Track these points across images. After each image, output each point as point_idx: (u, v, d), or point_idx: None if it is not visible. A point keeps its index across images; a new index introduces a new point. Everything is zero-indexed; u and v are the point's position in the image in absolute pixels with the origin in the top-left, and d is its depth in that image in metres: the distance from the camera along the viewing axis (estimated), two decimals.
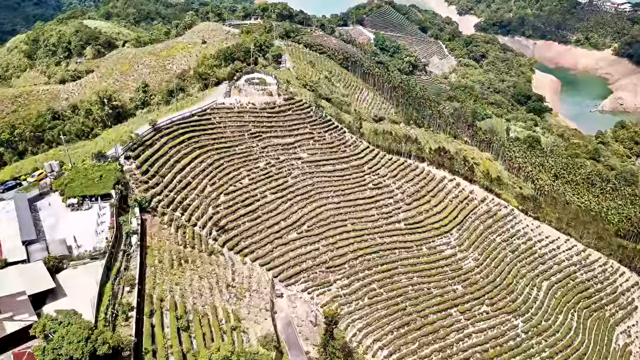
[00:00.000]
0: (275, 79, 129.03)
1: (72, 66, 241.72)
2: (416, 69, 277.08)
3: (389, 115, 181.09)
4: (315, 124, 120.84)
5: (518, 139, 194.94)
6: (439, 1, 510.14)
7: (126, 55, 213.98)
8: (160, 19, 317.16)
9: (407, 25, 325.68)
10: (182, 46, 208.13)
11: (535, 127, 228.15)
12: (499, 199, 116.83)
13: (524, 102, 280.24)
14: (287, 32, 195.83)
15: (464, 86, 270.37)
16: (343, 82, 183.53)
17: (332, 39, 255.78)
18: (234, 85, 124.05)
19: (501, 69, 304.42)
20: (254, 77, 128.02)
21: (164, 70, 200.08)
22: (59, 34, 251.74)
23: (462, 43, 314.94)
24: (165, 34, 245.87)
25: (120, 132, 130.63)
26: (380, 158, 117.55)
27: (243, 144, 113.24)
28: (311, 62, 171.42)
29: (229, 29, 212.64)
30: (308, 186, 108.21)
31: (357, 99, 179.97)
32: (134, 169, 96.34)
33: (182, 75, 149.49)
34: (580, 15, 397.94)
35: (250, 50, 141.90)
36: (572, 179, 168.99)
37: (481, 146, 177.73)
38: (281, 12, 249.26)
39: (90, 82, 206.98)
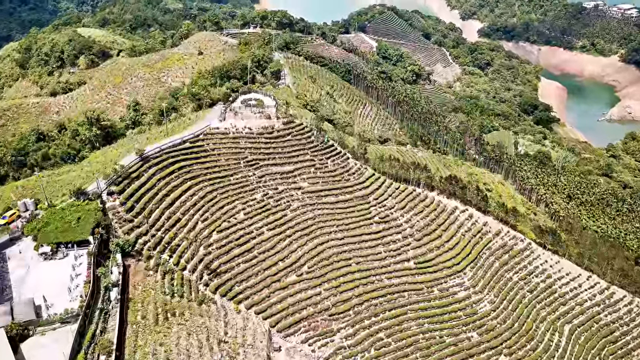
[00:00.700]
0: (274, 99, 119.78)
1: (64, 76, 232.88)
2: (420, 78, 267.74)
3: (393, 131, 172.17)
4: (316, 149, 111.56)
5: (528, 155, 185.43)
6: (441, 5, 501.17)
7: (120, 67, 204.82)
8: (157, 25, 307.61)
9: (410, 31, 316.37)
10: (178, 57, 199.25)
11: (544, 140, 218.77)
12: (514, 232, 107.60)
13: (530, 112, 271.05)
14: (286, 44, 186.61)
15: (469, 96, 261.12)
16: (345, 96, 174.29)
17: (333, 48, 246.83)
18: (229, 107, 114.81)
19: (507, 77, 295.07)
20: (250, 98, 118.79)
21: (158, 83, 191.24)
22: (52, 42, 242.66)
23: (467, 50, 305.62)
24: (161, 43, 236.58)
25: (108, 156, 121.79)
26: (386, 187, 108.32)
27: (238, 173, 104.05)
28: (312, 77, 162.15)
29: (227, 39, 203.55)
30: (309, 220, 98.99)
31: (360, 114, 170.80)
32: (118, 206, 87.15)
33: (175, 93, 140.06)
34: (585, 21, 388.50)
35: (248, 68, 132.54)
36: (586, 200, 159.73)
37: (490, 164, 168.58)
38: (281, 20, 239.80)
39: (82, 95, 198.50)
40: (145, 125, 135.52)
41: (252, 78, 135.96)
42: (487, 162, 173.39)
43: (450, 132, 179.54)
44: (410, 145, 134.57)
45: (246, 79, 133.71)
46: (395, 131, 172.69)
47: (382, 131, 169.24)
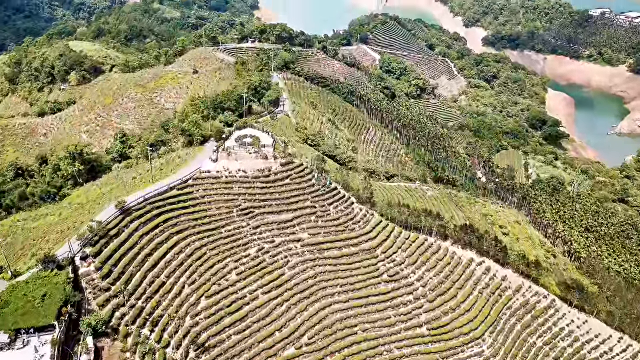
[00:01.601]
0: (272, 136, 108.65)
1: (55, 93, 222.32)
2: (424, 93, 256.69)
3: (399, 157, 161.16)
4: (318, 194, 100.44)
5: (540, 181, 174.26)
6: (444, 12, 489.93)
7: (111, 86, 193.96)
8: (153, 36, 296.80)
9: (414, 42, 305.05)
10: (172, 76, 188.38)
11: (555, 161, 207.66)
12: (536, 287, 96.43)
13: (539, 127, 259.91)
14: (286, 64, 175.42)
15: (475, 112, 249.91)
16: (348, 121, 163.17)
17: (335, 63, 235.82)
18: (222, 146, 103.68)
19: (514, 91, 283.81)
20: (246, 135, 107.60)
21: (150, 104, 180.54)
22: (43, 57, 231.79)
23: (472, 62, 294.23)
24: (155, 58, 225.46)
25: (91, 195, 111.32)
26: (395, 237, 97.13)
27: (231, 224, 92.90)
28: (312, 102, 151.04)
29: (223, 57, 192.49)
30: (309, 280, 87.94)
31: (364, 140, 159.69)
32: (93, 272, 76.15)
33: (166, 124, 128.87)
34: (592, 30, 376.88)
35: (244, 98, 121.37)
36: (605, 233, 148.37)
37: (502, 194, 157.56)
38: (280, 34, 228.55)
39: (71, 117, 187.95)
40: (133, 159, 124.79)
41: (248, 109, 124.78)
42: (498, 189, 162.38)
43: (459, 157, 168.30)
44: (419, 181, 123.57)
45: (242, 110, 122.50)
46: (401, 157, 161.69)
47: (388, 157, 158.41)
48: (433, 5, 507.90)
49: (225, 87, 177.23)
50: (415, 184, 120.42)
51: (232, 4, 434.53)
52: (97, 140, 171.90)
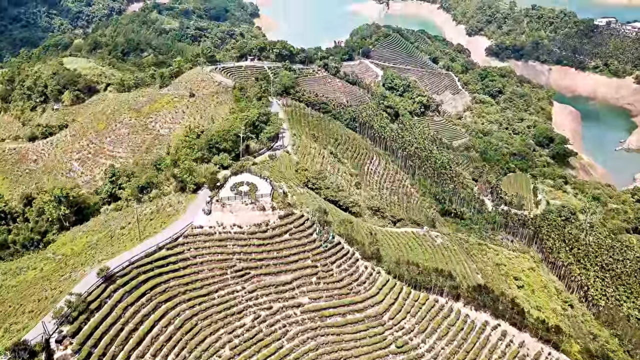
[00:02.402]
0: (269, 183, 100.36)
1: (47, 113, 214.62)
2: (428, 109, 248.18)
3: (404, 188, 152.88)
4: (319, 250, 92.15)
5: (551, 211, 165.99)
6: (446, 20, 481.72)
7: (104, 109, 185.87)
8: (150, 50, 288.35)
9: (417, 55, 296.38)
10: (167, 100, 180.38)
11: (565, 185, 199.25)
12: (557, 353, 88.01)
13: (546, 145, 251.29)
14: (286, 89, 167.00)
15: (481, 130, 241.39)
16: (351, 150, 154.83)
17: (336, 82, 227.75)
18: (216, 196, 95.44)
19: (519, 106, 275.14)
20: (242, 182, 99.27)
21: (145, 130, 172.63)
22: (35, 75, 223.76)
23: (477, 77, 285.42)
24: (151, 77, 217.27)
25: (77, 245, 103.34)
26: (404, 299, 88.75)
27: (225, 288, 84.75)
28: (313, 134, 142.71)
29: (221, 80, 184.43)
30: (310, 353, 79.70)
31: (368, 171, 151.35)
32: (70, 357, 68.02)
33: (159, 163, 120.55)
34: (598, 40, 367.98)
35: (241, 138, 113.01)
36: (621, 271, 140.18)
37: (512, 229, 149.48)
38: (280, 51, 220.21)
39: (63, 142, 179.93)
40: (122, 201, 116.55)
41: (245, 148, 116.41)
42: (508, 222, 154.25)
43: (466, 187, 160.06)
44: (427, 225, 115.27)
45: (239, 150, 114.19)
46: (406, 188, 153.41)
47: (392, 189, 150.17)
48: (435, 13, 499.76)
49: (223, 111, 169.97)
50: (423, 229, 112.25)
51: (231, 12, 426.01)
52: (89, 168, 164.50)
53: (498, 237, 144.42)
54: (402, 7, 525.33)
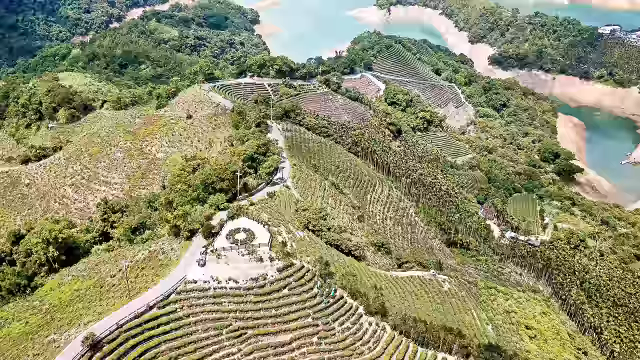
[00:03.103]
0: (268, 229, 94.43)
1: (42, 131, 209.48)
2: (431, 125, 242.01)
3: (408, 218, 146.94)
4: (320, 307, 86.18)
5: (559, 238, 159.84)
6: (448, 26, 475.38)
7: (99, 131, 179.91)
8: (148, 62, 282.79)
9: (420, 67, 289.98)
10: (164, 122, 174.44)
11: (572, 206, 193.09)
12: None
13: (551, 160, 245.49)
14: (286, 112, 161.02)
15: (485, 147, 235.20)
16: (353, 178, 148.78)
17: (337, 98, 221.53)
18: (211, 246, 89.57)
19: (524, 120, 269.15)
20: (239, 229, 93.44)
21: (140, 154, 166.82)
22: (30, 92, 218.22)
23: (480, 89, 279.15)
24: (148, 94, 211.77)
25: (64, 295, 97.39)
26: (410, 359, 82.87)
27: (220, 350, 78.76)
28: (314, 165, 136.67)
29: (219, 100, 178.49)
30: None
31: (371, 200, 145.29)
32: None
33: (153, 200, 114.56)
34: (602, 49, 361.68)
35: (238, 177, 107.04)
36: (634, 307, 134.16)
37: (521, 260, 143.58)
38: (280, 67, 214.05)
39: (56, 166, 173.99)
40: (114, 241, 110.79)
41: (243, 186, 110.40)
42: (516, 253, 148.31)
43: (473, 216, 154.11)
44: (433, 269, 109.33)
45: (236, 188, 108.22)
46: (410, 218, 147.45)
47: (397, 219, 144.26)
48: (437, 19, 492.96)
49: (221, 135, 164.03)
50: (430, 272, 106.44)
51: (231, 19, 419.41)
52: (82, 194, 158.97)
53: (506, 270, 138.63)
54: (404, 12, 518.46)
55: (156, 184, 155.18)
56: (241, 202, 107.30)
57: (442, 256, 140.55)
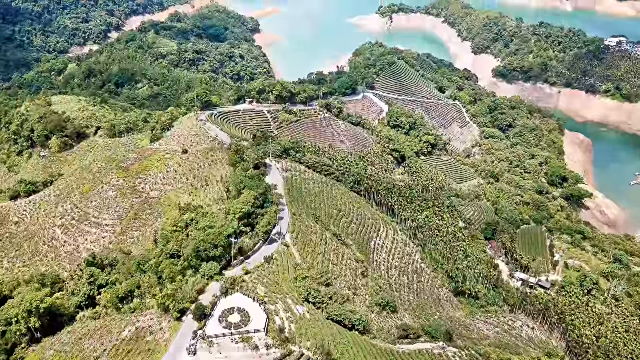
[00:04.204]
0: (264, 310, 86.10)
1: (34, 159, 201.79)
2: (435, 148, 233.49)
3: (413, 265, 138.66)
4: None
5: (572, 283, 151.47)
6: (451, 35, 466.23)
7: (91, 167, 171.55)
8: (146, 80, 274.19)
9: (423, 85, 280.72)
10: (159, 157, 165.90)
11: (583, 241, 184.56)
12: None
13: (559, 184, 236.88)
14: (285, 150, 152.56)
15: (491, 173, 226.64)
16: (356, 223, 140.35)
17: (339, 124, 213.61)
18: (203, 332, 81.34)
19: (530, 141, 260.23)
20: (232, 310, 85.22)
21: (134, 192, 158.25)
22: (22, 118, 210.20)
23: (486, 109, 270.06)
24: (144, 121, 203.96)
25: None
26: None
27: None
28: (315, 215, 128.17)
29: (216, 134, 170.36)
30: None
31: (375, 248, 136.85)
32: None
33: (143, 262, 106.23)
34: (609, 62, 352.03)
35: (232, 241, 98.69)
36: None
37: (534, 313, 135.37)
38: (280, 93, 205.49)
39: (46, 203, 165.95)
40: (101, 308, 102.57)
41: (238, 250, 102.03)
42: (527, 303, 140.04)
43: (481, 263, 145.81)
44: (443, 339, 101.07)
45: (230, 254, 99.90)
46: (416, 265, 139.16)
47: (402, 268, 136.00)
48: (440, 27, 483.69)
49: (217, 172, 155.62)
50: (439, 345, 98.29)
51: (231, 30, 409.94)
52: (72, 237, 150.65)
53: (518, 324, 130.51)
54: (406, 20, 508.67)
55: (149, 226, 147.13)
56: (236, 268, 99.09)
57: (450, 308, 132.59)
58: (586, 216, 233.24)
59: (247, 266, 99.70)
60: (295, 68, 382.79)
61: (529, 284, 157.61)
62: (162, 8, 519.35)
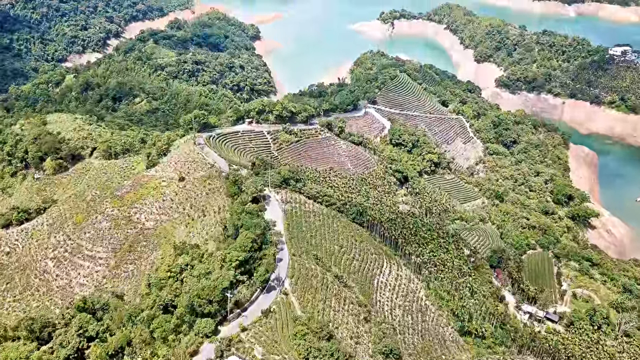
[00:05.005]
0: None
1: (28, 181, 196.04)
2: (439, 167, 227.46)
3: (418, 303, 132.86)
4: None
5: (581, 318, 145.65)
6: (453, 42, 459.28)
7: (85, 195, 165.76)
8: (144, 94, 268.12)
9: (425, 99, 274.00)
10: (154, 185, 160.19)
11: (592, 268, 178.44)
12: None
13: (565, 203, 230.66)
14: (285, 180, 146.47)
15: (495, 193, 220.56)
16: (358, 259, 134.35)
17: (340, 144, 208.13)
18: None
19: (535, 157, 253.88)
20: None
21: (128, 223, 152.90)
22: (16, 138, 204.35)
23: (490, 124, 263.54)
24: (140, 142, 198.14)
25: None
26: None
27: None
28: (316, 255, 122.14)
29: (214, 160, 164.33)
30: None
31: (378, 286, 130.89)
32: None
33: (134, 314, 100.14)
34: (613, 73, 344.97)
35: (227, 296, 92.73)
36: None
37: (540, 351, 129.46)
38: (280, 113, 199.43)
39: (39, 233, 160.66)
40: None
41: (234, 304, 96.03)
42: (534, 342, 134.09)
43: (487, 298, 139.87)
44: None
45: (226, 308, 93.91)
46: (420, 303, 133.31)
47: (406, 307, 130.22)
48: (442, 34, 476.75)
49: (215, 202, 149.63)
50: None
51: (231, 38, 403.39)
52: (65, 270, 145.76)
53: None
54: (407, 26, 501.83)
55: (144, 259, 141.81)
56: (232, 323, 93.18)
57: (456, 349, 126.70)
58: (592, 236, 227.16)
59: (244, 321, 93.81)
60: (295, 76, 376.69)
61: (537, 317, 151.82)
62: (162, 14, 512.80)
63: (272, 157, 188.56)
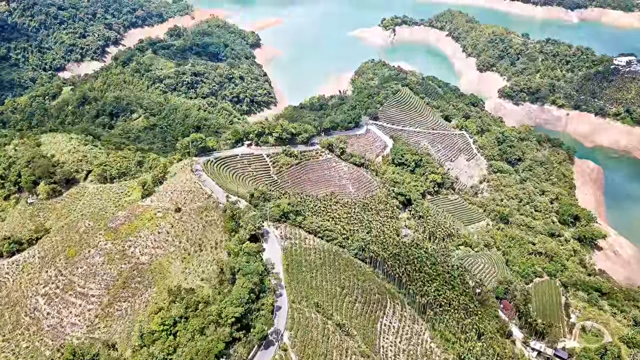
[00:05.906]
0: None
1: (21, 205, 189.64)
2: (442, 187, 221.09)
3: (422, 346, 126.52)
4: None
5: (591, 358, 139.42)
6: (455, 49, 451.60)
7: (78, 226, 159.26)
8: (141, 110, 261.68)
9: (428, 114, 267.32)
10: (150, 216, 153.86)
11: (600, 298, 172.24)
12: None
13: (571, 223, 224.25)
14: (284, 213, 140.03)
15: (499, 214, 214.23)
16: (361, 301, 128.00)
17: (341, 166, 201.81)
18: None
19: (540, 175, 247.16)
20: None
21: (122, 257, 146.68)
22: (9, 161, 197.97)
23: (494, 140, 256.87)
24: (137, 165, 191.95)
25: None
26: None
27: None
28: (317, 303, 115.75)
29: (212, 190, 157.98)
30: None
31: (381, 330, 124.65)
32: None
33: None
34: (618, 84, 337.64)
35: None
36: None
37: None
38: (280, 135, 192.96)
39: (30, 265, 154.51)
40: None
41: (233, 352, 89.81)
42: None
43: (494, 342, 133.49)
44: None
45: None
46: (425, 345, 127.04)
47: (410, 353, 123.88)
48: (444, 41, 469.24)
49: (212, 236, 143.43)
50: None
51: (231, 46, 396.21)
52: (56, 308, 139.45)
53: None
54: (409, 33, 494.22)
55: (138, 297, 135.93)
56: None
57: None
58: (599, 258, 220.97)
59: None
60: (296, 84, 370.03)
61: (546, 355, 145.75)
62: (162, 20, 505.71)
63: (271, 181, 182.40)
